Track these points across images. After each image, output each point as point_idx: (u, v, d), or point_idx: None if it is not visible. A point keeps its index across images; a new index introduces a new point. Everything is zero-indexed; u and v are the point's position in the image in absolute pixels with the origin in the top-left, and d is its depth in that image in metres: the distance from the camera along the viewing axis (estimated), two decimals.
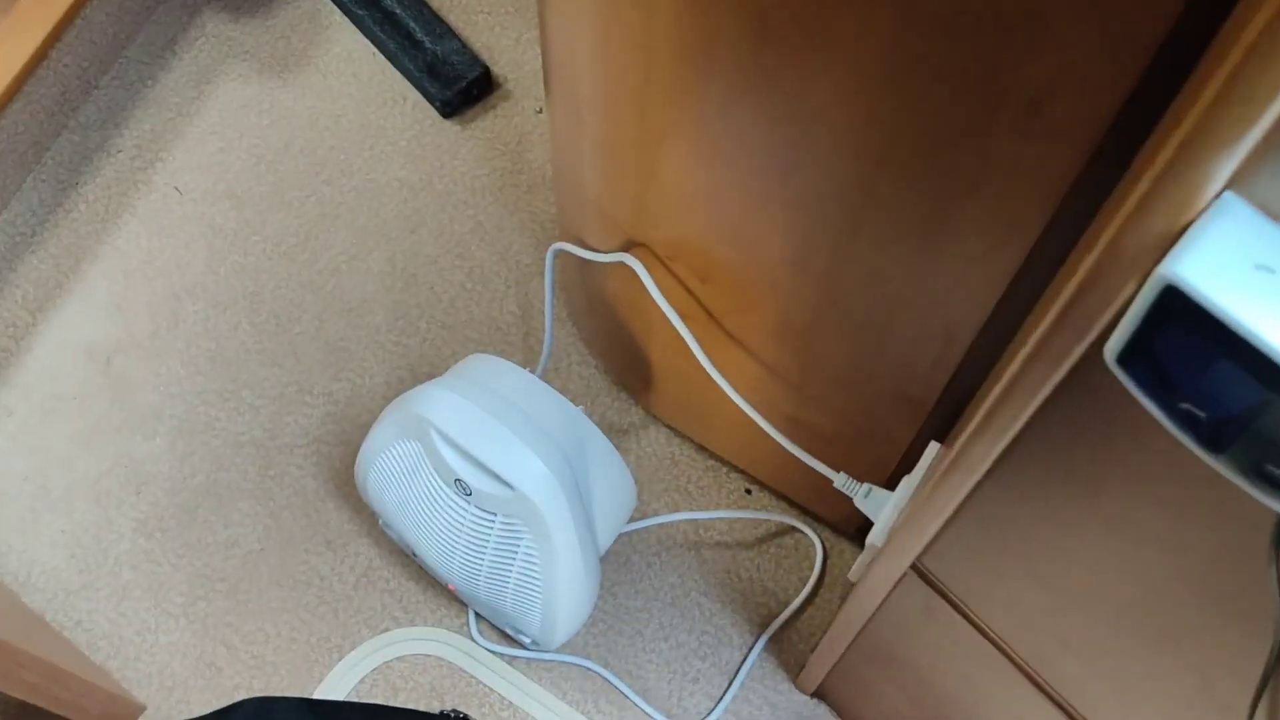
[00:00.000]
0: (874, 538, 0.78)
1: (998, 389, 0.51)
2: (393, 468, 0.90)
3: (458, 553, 0.90)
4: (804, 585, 1.04)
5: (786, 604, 1.03)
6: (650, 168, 0.77)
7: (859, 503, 0.82)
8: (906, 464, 0.84)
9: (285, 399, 1.12)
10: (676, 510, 1.07)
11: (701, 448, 1.10)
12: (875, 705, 0.92)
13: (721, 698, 1.00)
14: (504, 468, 0.82)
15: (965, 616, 0.65)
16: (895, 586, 0.70)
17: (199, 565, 1.04)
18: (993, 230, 0.63)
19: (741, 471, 1.08)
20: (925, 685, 0.79)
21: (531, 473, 0.82)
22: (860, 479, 0.83)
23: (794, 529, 1.07)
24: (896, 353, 0.77)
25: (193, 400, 1.11)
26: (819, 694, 0.99)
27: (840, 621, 0.84)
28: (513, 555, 0.87)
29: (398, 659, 1.01)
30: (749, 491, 1.09)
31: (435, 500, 0.88)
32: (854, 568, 0.85)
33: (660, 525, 1.07)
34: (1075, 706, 0.62)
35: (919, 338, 0.74)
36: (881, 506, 0.81)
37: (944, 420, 0.80)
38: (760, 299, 0.80)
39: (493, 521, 0.86)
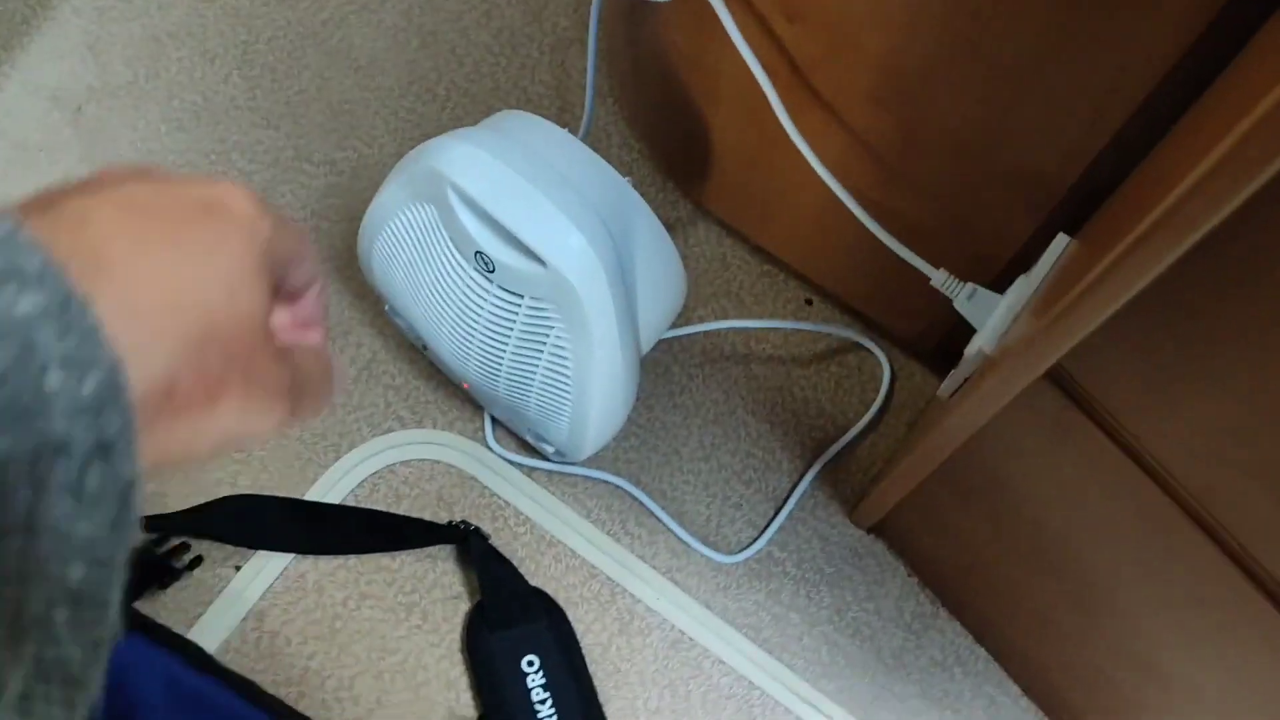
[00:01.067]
0: (981, 344, 0.64)
1: (1239, 130, 0.37)
2: (402, 237, 0.76)
3: (475, 343, 0.77)
4: (867, 409, 0.91)
5: (845, 429, 0.91)
6: None
7: (960, 305, 0.68)
8: (1020, 262, 0.70)
9: (281, 165, 0.97)
10: (725, 318, 0.93)
11: (758, 249, 0.95)
12: (946, 542, 0.80)
13: (766, 527, 0.88)
14: (536, 239, 0.68)
15: (1113, 437, 0.52)
16: (1015, 400, 0.57)
17: None
18: None
19: (802, 278, 0.94)
20: (1025, 519, 0.67)
21: (569, 247, 0.68)
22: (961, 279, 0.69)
23: (858, 346, 0.93)
24: (1034, 117, 0.61)
25: (175, 160, 0.97)
26: (877, 529, 0.88)
27: (925, 444, 0.71)
28: (540, 347, 0.73)
29: (401, 463, 0.89)
30: (809, 302, 0.95)
31: (451, 278, 0.74)
32: (945, 383, 0.72)
33: (706, 333, 0.93)
34: (1256, 556, 0.49)
35: (1070, 95, 0.58)
36: (988, 310, 0.67)
37: (1074, 210, 0.65)
38: (863, 41, 0.64)
39: (518, 305, 0.72)
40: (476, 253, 0.71)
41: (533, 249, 0.68)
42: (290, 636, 0.83)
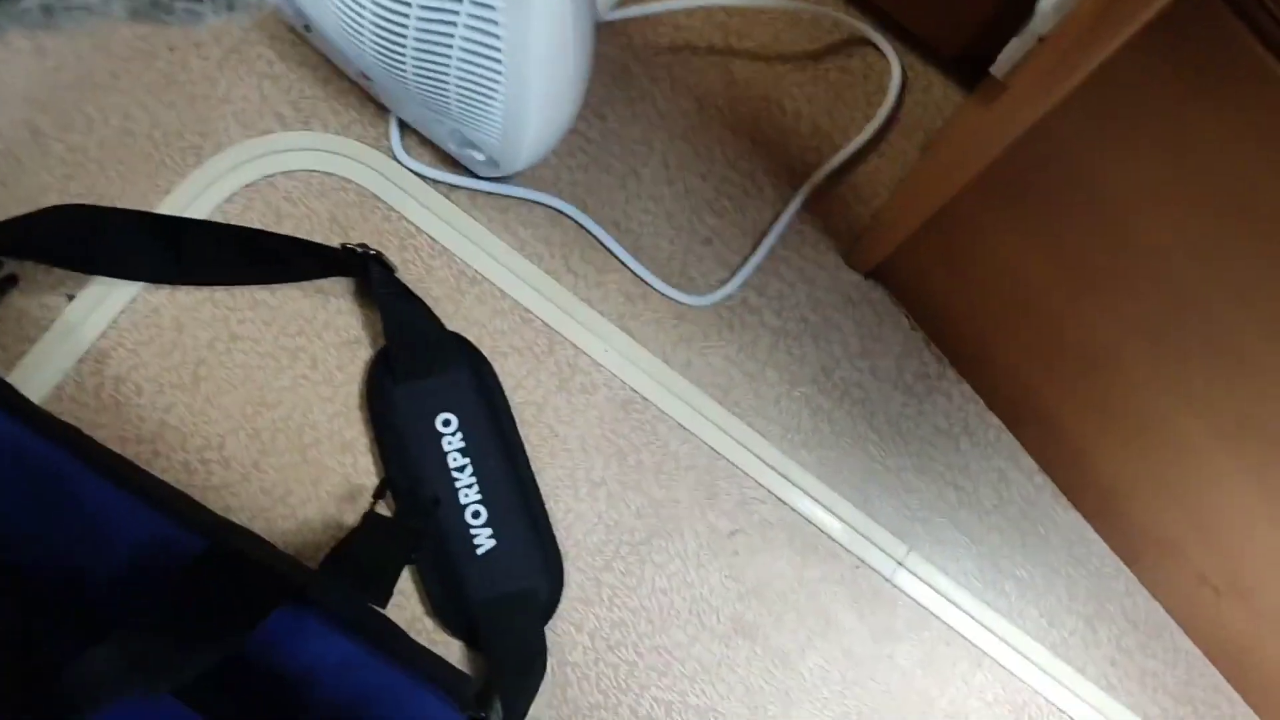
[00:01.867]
0: None
1: None
2: None
3: (368, 4, 0.57)
4: (868, 122, 0.74)
5: (841, 148, 0.73)
6: None
7: None
8: None
9: None
10: None
11: None
12: (970, 281, 0.64)
13: (740, 266, 0.72)
14: None
15: None
16: (1141, 34, 0.40)
17: None
18: None
19: None
20: (1105, 227, 0.51)
21: None
22: None
23: (864, 44, 0.75)
24: None
25: None
26: (877, 272, 0.72)
27: (965, 144, 0.54)
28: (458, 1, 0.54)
29: (283, 174, 0.70)
30: None
31: None
32: (1003, 55, 0.55)
33: (674, 15, 0.74)
34: None
35: None
36: None
37: None
38: None
39: None
40: None
41: None
42: (141, 384, 0.66)
